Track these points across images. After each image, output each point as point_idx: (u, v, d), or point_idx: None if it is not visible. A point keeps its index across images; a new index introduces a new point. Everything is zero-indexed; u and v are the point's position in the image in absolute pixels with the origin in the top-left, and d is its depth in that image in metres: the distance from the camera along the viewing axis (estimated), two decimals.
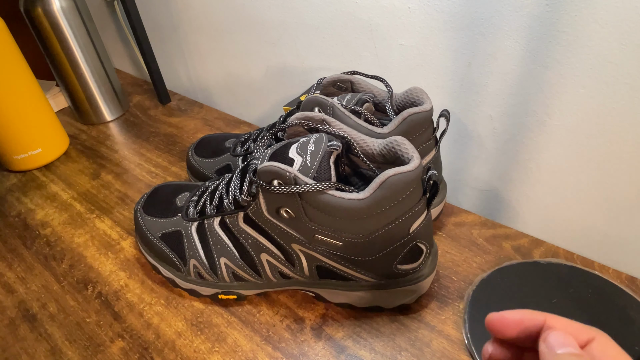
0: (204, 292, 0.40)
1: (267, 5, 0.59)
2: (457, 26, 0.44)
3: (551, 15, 0.38)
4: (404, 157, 0.32)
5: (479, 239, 0.45)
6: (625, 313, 0.36)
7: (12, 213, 0.55)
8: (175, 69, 0.84)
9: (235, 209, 0.36)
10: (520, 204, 0.50)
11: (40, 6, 0.61)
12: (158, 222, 0.41)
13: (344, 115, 0.38)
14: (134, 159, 0.63)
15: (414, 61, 0.49)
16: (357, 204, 0.30)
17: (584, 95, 0.39)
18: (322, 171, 0.31)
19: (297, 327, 0.38)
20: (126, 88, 0.86)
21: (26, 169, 0.63)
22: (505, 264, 0.42)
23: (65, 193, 0.58)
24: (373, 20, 0.49)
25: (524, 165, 0.47)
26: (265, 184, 0.32)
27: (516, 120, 0.45)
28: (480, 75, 0.45)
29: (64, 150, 0.66)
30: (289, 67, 0.63)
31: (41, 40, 0.65)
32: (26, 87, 0.59)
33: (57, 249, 0.49)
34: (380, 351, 0.36)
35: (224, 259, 0.38)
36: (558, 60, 0.39)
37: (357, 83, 0.44)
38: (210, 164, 0.51)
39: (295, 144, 0.33)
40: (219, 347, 0.37)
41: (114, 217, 0.53)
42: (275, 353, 0.36)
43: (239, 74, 0.72)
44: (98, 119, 0.73)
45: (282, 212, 0.33)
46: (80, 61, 0.67)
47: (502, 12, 0.40)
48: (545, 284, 0.39)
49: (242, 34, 0.65)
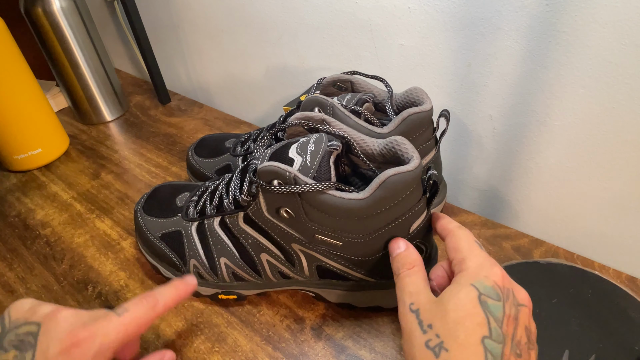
0: (204, 292, 0.40)
1: (267, 5, 0.59)
2: (457, 26, 0.44)
3: (551, 15, 0.38)
4: (404, 157, 0.32)
5: (479, 239, 0.45)
6: (625, 313, 0.36)
7: (12, 213, 0.55)
8: (175, 69, 0.84)
9: (235, 209, 0.36)
10: (520, 204, 0.50)
11: (40, 6, 0.61)
12: (158, 222, 0.41)
13: (344, 115, 0.38)
14: (134, 159, 0.63)
15: (414, 61, 0.49)
16: (357, 204, 0.30)
17: (584, 95, 0.39)
18: (322, 171, 0.31)
19: (297, 327, 0.38)
20: (126, 88, 0.86)
21: (26, 169, 0.63)
22: (505, 264, 0.42)
23: (65, 193, 0.58)
24: (373, 20, 0.49)
25: (524, 165, 0.47)
26: (265, 183, 0.31)
27: (516, 120, 0.45)
28: (480, 75, 0.45)
29: (64, 150, 0.66)
30: (289, 67, 0.63)
31: (41, 40, 0.65)
32: (26, 87, 0.59)
33: (57, 249, 0.49)
34: (380, 351, 0.36)
35: (224, 259, 0.38)
36: (558, 60, 0.39)
37: (357, 83, 0.44)
38: (210, 164, 0.51)
39: (295, 144, 0.33)
40: (219, 347, 0.37)
41: (114, 217, 0.53)
42: (275, 353, 0.36)
43: (239, 74, 0.72)
44: (98, 119, 0.73)
45: (282, 212, 0.33)
46: (80, 61, 0.67)
47: (502, 12, 0.40)
48: (545, 284, 0.39)
49: (242, 34, 0.65)
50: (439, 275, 0.30)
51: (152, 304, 0.30)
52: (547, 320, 0.36)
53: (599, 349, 0.34)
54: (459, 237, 0.29)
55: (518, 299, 0.26)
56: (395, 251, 0.31)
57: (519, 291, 0.27)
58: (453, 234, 0.29)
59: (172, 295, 0.32)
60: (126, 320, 0.28)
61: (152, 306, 0.30)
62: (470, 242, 0.28)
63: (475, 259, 0.27)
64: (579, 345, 0.34)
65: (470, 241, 0.28)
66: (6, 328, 0.28)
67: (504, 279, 0.26)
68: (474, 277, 0.26)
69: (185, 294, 0.33)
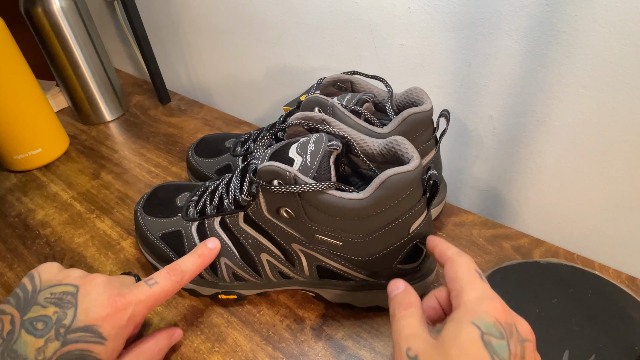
0: (204, 292, 0.40)
1: (267, 5, 0.59)
2: (457, 26, 0.44)
3: (551, 15, 0.38)
4: (404, 157, 0.32)
5: (479, 239, 0.45)
6: (625, 313, 0.36)
7: (12, 213, 0.55)
8: (175, 69, 0.84)
9: (236, 209, 0.36)
10: (520, 204, 0.50)
11: (40, 6, 0.61)
12: (158, 222, 0.41)
13: (344, 115, 0.38)
14: (134, 159, 0.63)
15: (414, 61, 0.49)
16: (357, 203, 0.30)
17: (584, 95, 0.39)
18: (322, 171, 0.31)
19: (297, 327, 0.38)
20: (126, 88, 0.86)
21: (26, 169, 0.63)
22: (505, 264, 0.42)
23: (66, 193, 0.58)
24: (373, 20, 0.49)
25: (524, 165, 0.47)
26: (265, 183, 0.32)
27: (516, 120, 0.45)
28: (480, 75, 0.45)
29: (64, 150, 0.66)
30: (289, 67, 0.63)
31: (41, 40, 0.65)
32: (26, 87, 0.59)
33: (57, 249, 0.49)
34: (380, 351, 0.36)
35: (224, 259, 0.38)
36: (558, 60, 0.39)
37: (357, 83, 0.45)
38: (210, 164, 0.51)
39: (295, 144, 0.33)
40: (219, 347, 0.37)
41: (114, 217, 0.53)
42: (275, 353, 0.36)
43: (239, 74, 0.72)
44: (98, 119, 0.73)
45: (282, 211, 0.33)
46: (80, 61, 0.67)
47: (502, 12, 0.40)
48: (545, 284, 0.39)
49: (242, 34, 0.65)
50: (432, 307, 0.28)
51: (179, 277, 0.33)
52: (547, 320, 0.36)
53: (599, 349, 0.34)
54: (458, 265, 0.27)
55: (522, 334, 0.24)
56: (393, 292, 0.29)
57: (522, 325, 0.25)
58: (452, 261, 0.28)
59: (196, 266, 0.35)
60: (156, 291, 0.31)
61: (179, 279, 0.33)
62: (469, 272, 0.26)
63: (474, 292, 0.25)
64: (579, 345, 0.34)
65: (469, 270, 0.27)
66: (37, 287, 0.30)
67: (505, 314, 0.24)
68: (473, 314, 0.24)
69: (210, 261, 0.36)
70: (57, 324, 0.28)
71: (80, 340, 0.28)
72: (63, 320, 0.28)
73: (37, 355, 0.27)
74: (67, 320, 0.28)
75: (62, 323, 0.28)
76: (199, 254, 0.35)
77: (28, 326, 0.28)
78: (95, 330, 0.28)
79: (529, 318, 0.36)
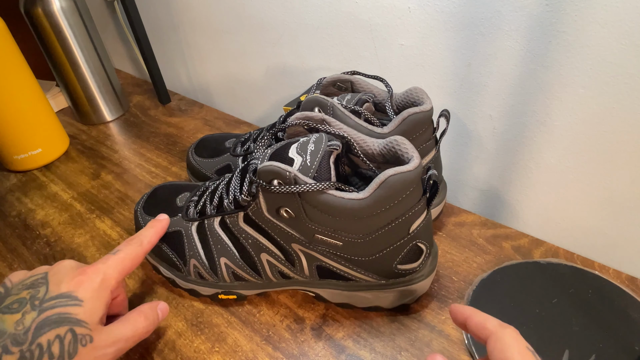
0: (204, 292, 0.40)
1: (267, 5, 0.59)
2: (457, 26, 0.44)
3: (551, 15, 0.38)
4: (404, 157, 0.32)
5: (479, 239, 0.45)
6: (625, 313, 0.36)
7: (12, 213, 0.55)
8: (175, 69, 0.84)
9: (236, 209, 0.36)
10: (520, 204, 0.50)
11: (40, 6, 0.61)
12: None
13: (344, 115, 0.38)
14: (134, 159, 0.63)
15: (414, 61, 0.49)
16: (357, 203, 0.30)
17: (584, 95, 0.39)
18: (322, 171, 0.31)
19: (297, 327, 0.38)
20: (126, 88, 0.86)
21: (26, 169, 0.63)
22: (505, 264, 0.42)
23: (66, 193, 0.58)
24: (373, 20, 0.49)
25: (524, 165, 0.47)
26: (265, 183, 0.32)
27: (516, 120, 0.45)
28: (480, 75, 0.45)
29: (64, 150, 0.66)
30: (289, 67, 0.63)
31: (41, 40, 0.65)
32: (26, 87, 0.59)
33: (57, 249, 0.49)
34: (380, 351, 0.36)
35: (224, 259, 0.38)
36: (558, 60, 0.39)
37: (357, 83, 0.45)
38: (210, 164, 0.51)
39: (295, 144, 0.33)
40: (219, 347, 0.37)
41: (114, 217, 0.53)
42: (275, 353, 0.36)
43: (239, 74, 0.72)
44: (98, 119, 0.73)
45: (282, 212, 0.33)
46: (80, 61, 0.67)
47: (502, 12, 0.40)
48: (545, 284, 0.39)
49: (242, 34, 0.65)
50: None
51: (139, 242, 0.35)
52: (547, 320, 0.36)
53: (599, 349, 0.34)
54: (507, 344, 0.24)
55: None
56: None
57: None
58: (497, 338, 0.24)
59: (152, 233, 0.37)
60: (121, 255, 0.33)
61: (139, 244, 0.35)
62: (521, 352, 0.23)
63: None
64: (579, 345, 0.34)
65: (520, 350, 0.23)
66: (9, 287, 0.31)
67: None
68: None
69: (162, 230, 0.38)
70: (32, 300, 0.29)
71: (57, 306, 0.28)
72: (37, 295, 0.29)
73: (17, 326, 0.27)
74: (41, 294, 0.29)
75: (36, 297, 0.29)
76: (151, 225, 0.38)
77: (4, 309, 0.28)
78: (70, 295, 0.29)
79: (529, 318, 0.37)
